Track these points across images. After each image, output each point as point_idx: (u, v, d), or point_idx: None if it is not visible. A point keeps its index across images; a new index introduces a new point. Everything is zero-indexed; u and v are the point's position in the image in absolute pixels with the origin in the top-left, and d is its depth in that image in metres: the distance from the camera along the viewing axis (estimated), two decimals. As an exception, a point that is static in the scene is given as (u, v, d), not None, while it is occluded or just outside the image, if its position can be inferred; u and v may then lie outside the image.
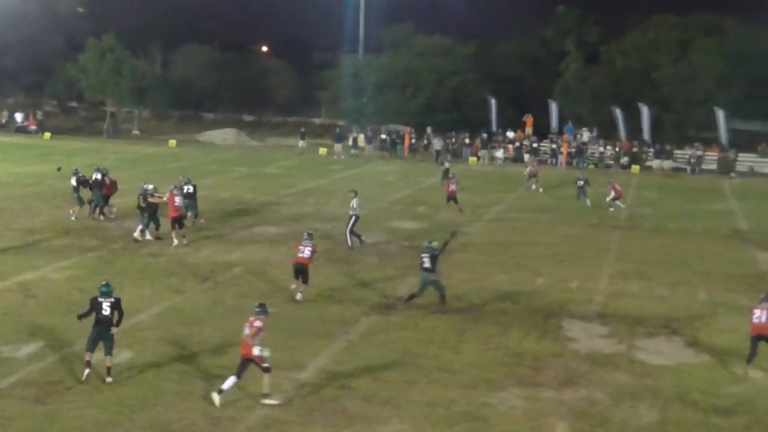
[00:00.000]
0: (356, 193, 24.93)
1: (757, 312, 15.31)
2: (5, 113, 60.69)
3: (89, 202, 27.25)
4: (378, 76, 56.81)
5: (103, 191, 27.13)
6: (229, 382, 13.36)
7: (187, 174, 29.26)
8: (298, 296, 19.08)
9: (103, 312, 14.02)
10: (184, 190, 25.69)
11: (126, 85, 57.64)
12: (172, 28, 66.24)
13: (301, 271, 19.11)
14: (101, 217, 27.04)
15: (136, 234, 24.34)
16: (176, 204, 23.79)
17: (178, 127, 62.63)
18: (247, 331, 13.50)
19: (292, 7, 64.83)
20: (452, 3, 59.41)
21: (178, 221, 23.89)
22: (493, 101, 55.32)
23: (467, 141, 51.16)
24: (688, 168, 47.49)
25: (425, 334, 16.89)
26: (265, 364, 13.40)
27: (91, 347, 13.98)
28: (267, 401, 13.34)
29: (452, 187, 30.61)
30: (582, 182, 33.39)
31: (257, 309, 13.89)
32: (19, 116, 59.18)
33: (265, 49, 78.37)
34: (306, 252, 19.19)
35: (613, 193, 32.24)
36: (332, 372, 14.73)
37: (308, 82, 67.26)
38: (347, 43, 59.50)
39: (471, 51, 58.19)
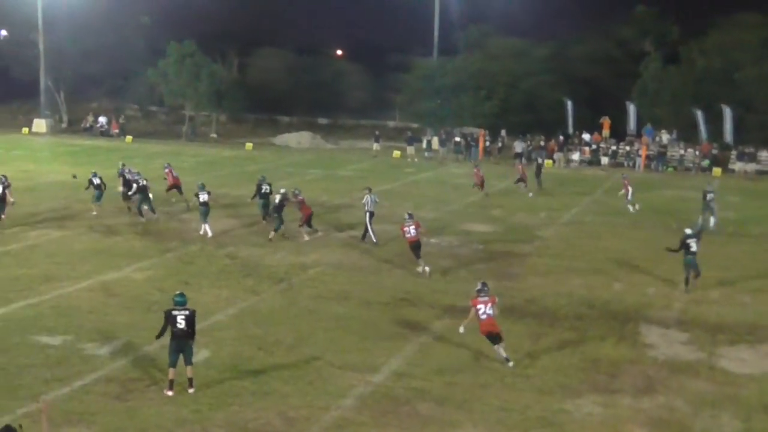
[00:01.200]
0: (370, 190, 26.28)
1: None
2: (90, 117, 62.47)
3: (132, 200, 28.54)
4: (452, 78, 56.61)
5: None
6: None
7: (265, 175, 29.66)
8: (425, 270, 21.45)
9: (178, 326, 13.70)
10: (263, 190, 27.30)
11: (204, 89, 58.82)
12: (248, 33, 67.36)
13: (417, 248, 21.78)
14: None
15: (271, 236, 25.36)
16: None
17: (254, 131, 63.53)
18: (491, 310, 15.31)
19: (366, 10, 65.22)
20: (528, 5, 58.80)
21: (309, 220, 25.52)
22: (569, 103, 54.62)
23: (542, 143, 50.65)
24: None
25: (499, 339, 16.78)
26: None
27: (173, 362, 13.75)
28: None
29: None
30: (711, 195, 29.23)
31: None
32: (102, 120, 60.87)
33: (339, 52, 78.94)
34: (412, 231, 21.86)
35: (623, 191, 31.78)
36: (405, 374, 14.74)
37: (382, 85, 67.42)
38: (421, 45, 59.54)
39: (546, 52, 57.51)
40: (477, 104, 55.82)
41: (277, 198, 25.91)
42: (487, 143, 52.36)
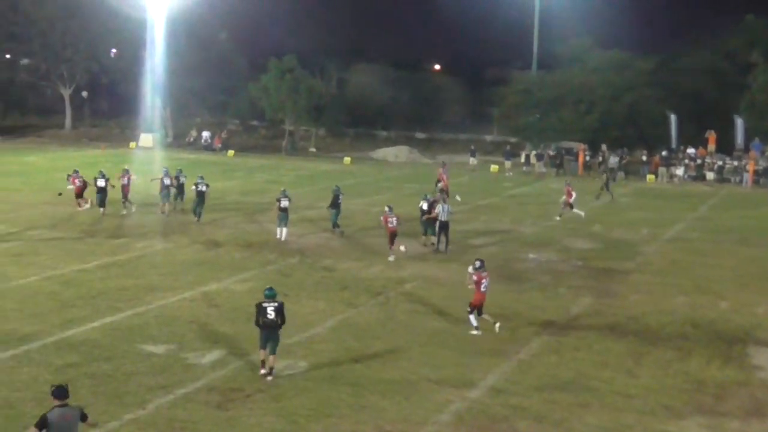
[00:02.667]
0: (444, 199, 27.20)
1: None
2: (194, 132, 64.35)
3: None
4: (551, 92, 56.02)
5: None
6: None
7: (361, 190, 29.93)
8: (402, 249, 24.45)
9: (268, 316, 14.75)
10: (281, 205, 27.19)
11: (303, 104, 59.86)
12: (348, 48, 68.44)
13: (394, 237, 24.54)
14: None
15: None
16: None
17: (352, 145, 64.27)
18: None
19: (464, 25, 65.33)
20: (630, 18, 57.84)
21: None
22: (673, 117, 53.32)
23: (644, 158, 49.56)
24: None
25: (599, 357, 16.46)
26: None
27: (264, 345, 14.91)
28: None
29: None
30: None
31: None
32: (206, 134, 62.63)
33: (437, 67, 79.23)
34: (394, 221, 24.69)
35: (564, 198, 31.03)
36: (503, 391, 14.59)
37: (479, 99, 67.40)
38: (520, 59, 59.25)
39: (649, 66, 56.25)
40: (577, 118, 55.04)
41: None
42: (587, 158, 51.54)
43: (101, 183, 30.95)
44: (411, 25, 74.28)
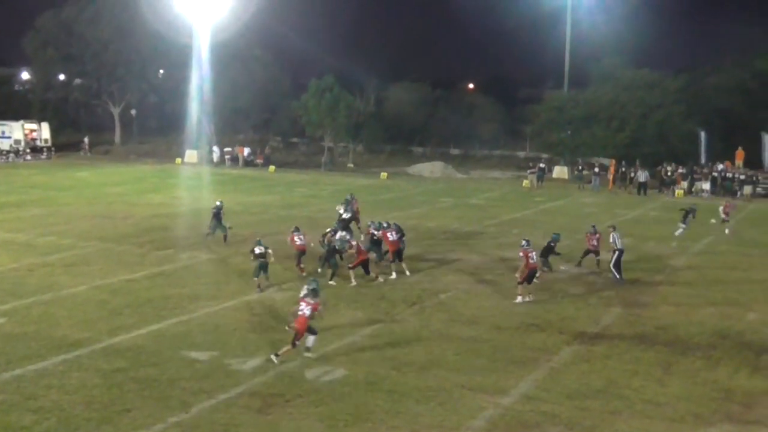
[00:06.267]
0: (615, 228, 25.44)
1: None
2: (237, 148, 64.56)
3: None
4: (583, 109, 56.44)
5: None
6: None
7: (397, 204, 30.33)
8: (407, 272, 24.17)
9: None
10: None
11: (342, 121, 60.98)
12: (386, 68, 69.78)
13: (399, 253, 24.44)
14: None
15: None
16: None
17: (389, 161, 64.98)
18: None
19: (498, 45, 66.30)
20: (661, 37, 58.41)
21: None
22: (702, 134, 53.58)
23: (669, 173, 49.98)
24: None
25: (629, 366, 16.76)
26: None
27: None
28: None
29: (593, 241, 26.00)
30: None
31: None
32: (247, 150, 63.61)
33: (471, 86, 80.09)
34: (394, 235, 24.44)
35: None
36: (535, 398, 14.92)
37: (513, 117, 67.99)
38: (552, 78, 59.86)
39: (679, 84, 56.60)
40: (609, 135, 55.42)
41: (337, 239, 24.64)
42: (620, 172, 51.88)
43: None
44: (447, 46, 75.80)
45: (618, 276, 24.31)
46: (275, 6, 66.80)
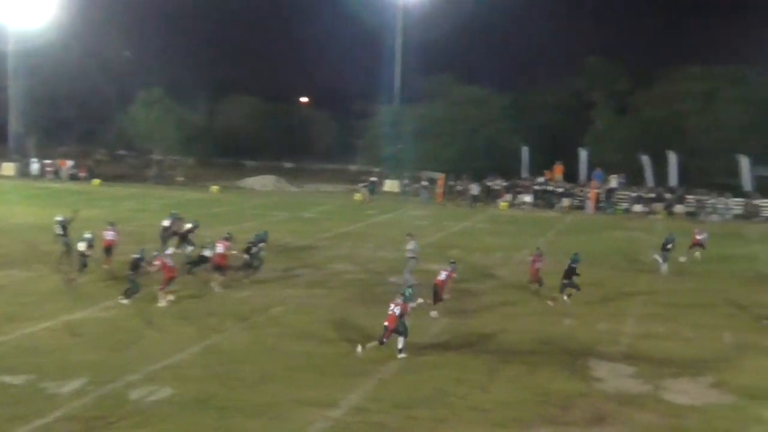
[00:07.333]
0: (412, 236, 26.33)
1: None
2: (58, 161, 62.01)
3: None
4: (414, 124, 57.89)
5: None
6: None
7: (228, 218, 30.00)
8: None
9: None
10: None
11: (172, 134, 59.63)
12: (217, 80, 68.69)
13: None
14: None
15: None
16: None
17: (221, 174, 64.16)
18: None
19: (332, 60, 66.84)
20: (488, 55, 60.92)
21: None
22: (524, 149, 56.28)
23: (495, 187, 52.36)
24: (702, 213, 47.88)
25: (456, 374, 17.19)
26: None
27: None
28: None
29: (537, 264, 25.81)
30: (671, 244, 29.31)
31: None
32: (70, 164, 61.02)
33: (305, 99, 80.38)
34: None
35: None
36: (364, 409, 15.07)
37: (346, 131, 68.84)
38: (385, 93, 60.95)
39: (505, 101, 59.28)
40: (439, 149, 57.16)
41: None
42: (450, 186, 53.68)
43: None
44: (280, 59, 75.49)
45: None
46: (99, 14, 64.41)
